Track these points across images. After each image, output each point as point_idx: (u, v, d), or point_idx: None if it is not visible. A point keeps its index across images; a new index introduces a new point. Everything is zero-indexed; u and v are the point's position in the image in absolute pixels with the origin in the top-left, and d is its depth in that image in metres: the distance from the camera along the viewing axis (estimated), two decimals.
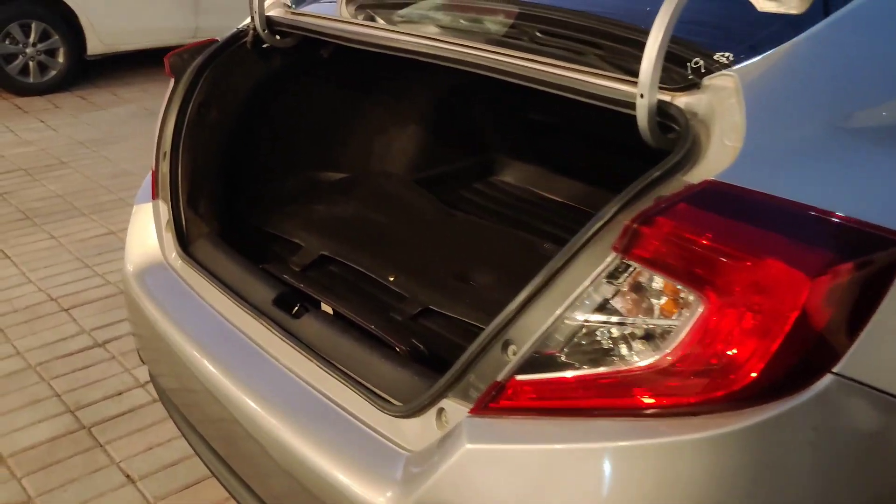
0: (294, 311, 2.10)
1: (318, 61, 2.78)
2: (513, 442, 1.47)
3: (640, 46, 1.48)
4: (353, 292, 2.44)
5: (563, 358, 1.46)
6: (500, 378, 1.51)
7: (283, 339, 1.98)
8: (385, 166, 3.16)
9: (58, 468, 2.88)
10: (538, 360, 1.48)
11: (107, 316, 3.82)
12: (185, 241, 2.42)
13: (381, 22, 2.41)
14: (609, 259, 1.41)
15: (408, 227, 2.74)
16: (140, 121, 6.73)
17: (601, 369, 1.42)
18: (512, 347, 1.52)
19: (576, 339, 1.44)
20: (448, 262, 2.53)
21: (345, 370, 1.85)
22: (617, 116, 1.61)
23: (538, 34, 2.05)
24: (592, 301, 1.43)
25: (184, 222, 2.44)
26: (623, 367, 1.41)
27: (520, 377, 1.49)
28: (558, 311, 1.45)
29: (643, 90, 1.51)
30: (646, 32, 1.47)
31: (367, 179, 3.06)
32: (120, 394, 3.28)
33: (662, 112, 1.55)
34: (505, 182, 3.31)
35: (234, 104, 2.63)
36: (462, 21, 2.34)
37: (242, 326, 2.12)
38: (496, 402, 1.52)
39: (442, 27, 2.28)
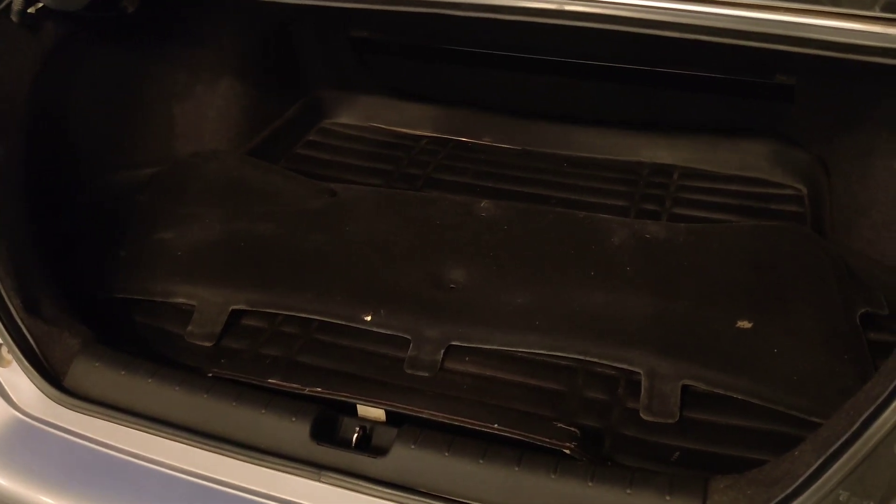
0: (354, 440, 1.34)
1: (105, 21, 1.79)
2: None
3: None
4: (330, 358, 1.67)
5: None
6: None
7: (393, 497, 1.25)
8: (203, 143, 2.23)
9: None
10: None
11: None
12: (52, 376, 1.44)
13: None
14: None
15: (308, 230, 1.96)
16: None
17: None
18: None
19: None
20: (413, 265, 1.85)
21: None
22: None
23: None
24: None
25: (35, 345, 1.45)
26: None
27: None
28: None
29: None
30: None
31: (194, 169, 2.13)
32: None
33: None
34: (343, 124, 2.57)
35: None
36: None
37: (269, 488, 1.31)
38: None
39: None
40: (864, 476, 1.06)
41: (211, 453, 1.34)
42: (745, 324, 1.65)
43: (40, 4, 1.60)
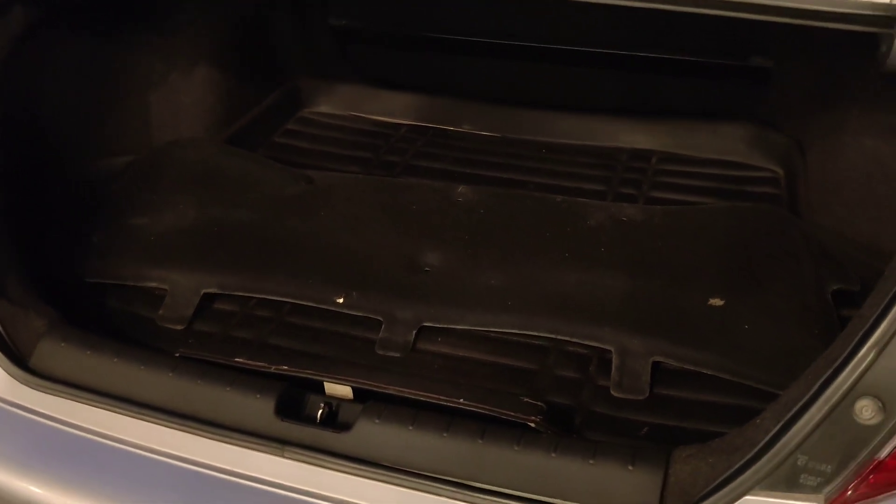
0: (319, 416, 1.34)
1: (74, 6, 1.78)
2: None
3: None
4: (301, 340, 1.67)
5: None
6: (882, 454, 1.02)
7: (356, 471, 1.24)
8: (180, 131, 2.22)
9: None
10: None
11: None
12: (17, 356, 1.44)
13: None
14: None
15: (284, 216, 1.95)
16: None
17: None
18: (868, 404, 1.03)
19: None
20: (388, 249, 1.84)
21: (504, 491, 1.20)
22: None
23: None
24: None
25: (1, 327, 1.45)
26: None
27: None
28: None
29: None
30: None
31: (170, 157, 2.13)
32: None
33: None
34: (322, 113, 2.56)
35: None
36: None
37: (233, 465, 1.30)
38: (865, 486, 1.04)
39: None
40: (822, 440, 1.05)
41: (176, 431, 1.34)
42: (716, 301, 1.65)
43: None
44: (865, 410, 1.03)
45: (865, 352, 1.02)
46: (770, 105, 2.21)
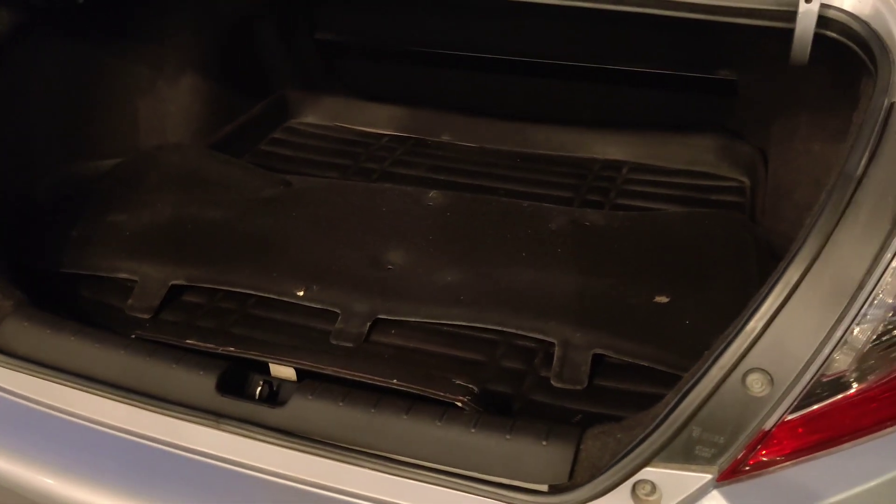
0: (258, 393, 1.40)
1: (60, 11, 1.89)
2: (822, 497, 1.05)
3: None
4: (261, 329, 1.73)
5: (853, 376, 1.05)
6: (768, 425, 1.06)
7: (286, 443, 1.29)
8: (166, 136, 2.32)
9: None
10: (818, 388, 1.05)
11: None
12: None
13: None
14: None
15: (257, 215, 2.03)
16: None
17: None
18: (757, 377, 1.07)
19: (877, 344, 1.04)
20: (353, 247, 1.90)
21: (424, 464, 1.25)
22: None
23: None
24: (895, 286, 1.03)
25: None
26: None
27: (792, 416, 1.06)
28: (852, 311, 1.03)
29: None
30: None
31: (155, 160, 2.22)
32: None
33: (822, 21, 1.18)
34: (308, 123, 2.65)
35: None
36: None
37: (172, 437, 1.36)
38: (756, 456, 1.08)
39: None
40: (714, 412, 1.09)
41: (123, 405, 1.40)
42: (662, 299, 1.69)
43: None
44: (756, 384, 1.07)
45: (753, 325, 1.07)
46: (737, 117, 2.26)
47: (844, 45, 1.21)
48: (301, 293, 1.77)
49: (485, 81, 2.49)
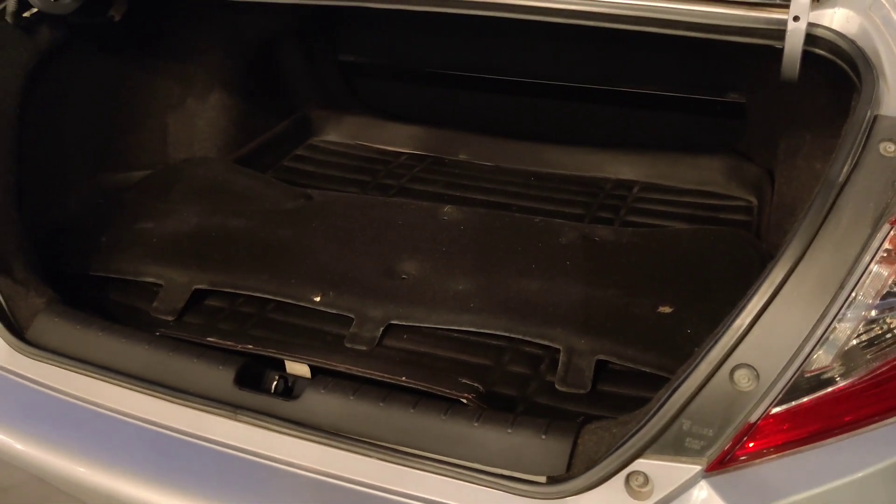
0: (274, 387, 1.47)
1: (97, 28, 2.00)
2: (805, 489, 1.10)
3: None
4: (279, 332, 1.81)
5: (835, 372, 1.10)
6: (753, 418, 1.12)
7: (299, 434, 1.36)
8: (193, 151, 2.42)
9: None
10: (802, 383, 1.11)
11: None
12: (16, 328, 1.61)
13: None
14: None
15: (278, 226, 2.11)
16: None
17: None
18: (744, 373, 1.13)
19: (857, 343, 1.10)
20: (369, 257, 1.98)
21: (428, 455, 1.31)
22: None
23: None
24: (873, 287, 1.09)
25: (3, 301, 1.62)
26: None
27: (777, 410, 1.12)
28: (833, 310, 1.08)
29: (799, 11, 1.17)
30: None
31: (182, 172, 2.32)
32: None
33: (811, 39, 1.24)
34: (330, 141, 2.75)
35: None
36: None
37: (192, 427, 1.44)
38: (743, 448, 1.13)
39: None
40: (703, 406, 1.14)
41: (146, 396, 1.48)
42: (665, 309, 1.75)
43: (35, 10, 1.81)
44: (743, 379, 1.13)
45: (739, 322, 1.12)
46: (747, 138, 2.32)
47: (832, 63, 1.28)
48: (318, 299, 1.85)
49: (501, 102, 2.57)
